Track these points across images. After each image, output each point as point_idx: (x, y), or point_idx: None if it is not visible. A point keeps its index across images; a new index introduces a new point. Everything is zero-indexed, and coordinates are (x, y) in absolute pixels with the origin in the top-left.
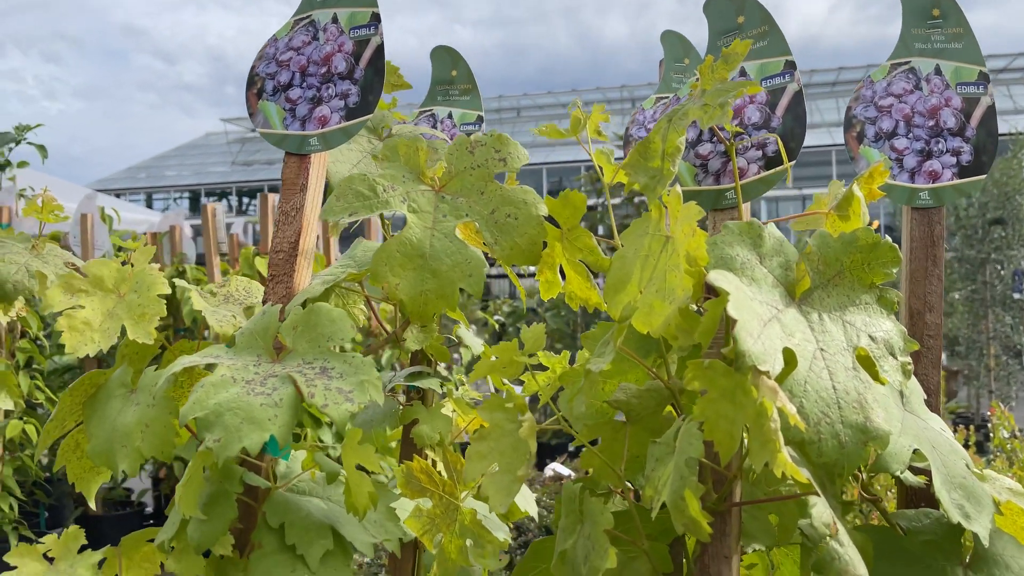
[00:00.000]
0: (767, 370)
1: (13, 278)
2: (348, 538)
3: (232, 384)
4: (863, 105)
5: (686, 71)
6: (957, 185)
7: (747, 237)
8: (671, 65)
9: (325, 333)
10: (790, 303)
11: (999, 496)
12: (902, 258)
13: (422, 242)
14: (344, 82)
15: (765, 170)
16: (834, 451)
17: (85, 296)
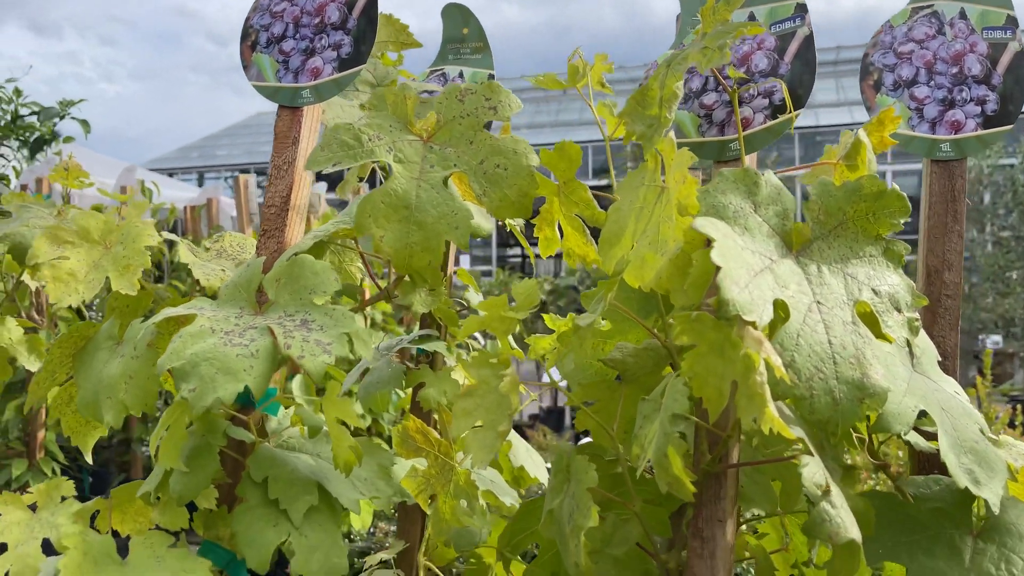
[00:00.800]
0: (753, 320)
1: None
2: (335, 495)
3: (210, 335)
4: (881, 52)
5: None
6: (981, 136)
7: (742, 185)
8: (687, 20)
9: (307, 285)
10: (787, 254)
11: (1015, 463)
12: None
13: (408, 193)
14: (337, 32)
15: (772, 119)
16: (827, 408)
17: (71, 247)
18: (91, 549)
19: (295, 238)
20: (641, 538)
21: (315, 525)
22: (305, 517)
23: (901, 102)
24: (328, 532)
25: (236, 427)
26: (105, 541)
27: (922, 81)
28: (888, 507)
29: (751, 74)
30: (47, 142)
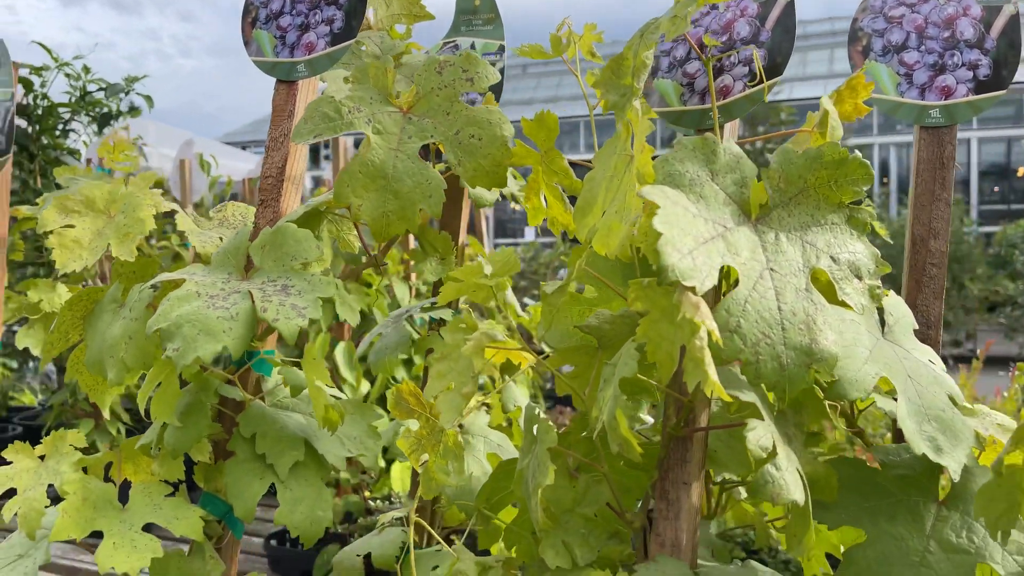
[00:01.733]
0: (693, 286)
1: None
2: (321, 451)
3: (196, 298)
4: (871, 16)
5: None
6: (973, 101)
7: (700, 153)
8: None
9: (290, 252)
10: (744, 221)
11: (986, 432)
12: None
13: (385, 163)
14: (330, 8)
15: (750, 87)
16: (774, 372)
17: (77, 216)
18: (91, 495)
19: (290, 207)
20: (610, 499)
21: (300, 479)
22: (291, 471)
23: (890, 68)
24: (313, 486)
25: (227, 386)
26: (106, 488)
27: (912, 46)
28: (856, 473)
29: (733, 41)
30: (114, 117)
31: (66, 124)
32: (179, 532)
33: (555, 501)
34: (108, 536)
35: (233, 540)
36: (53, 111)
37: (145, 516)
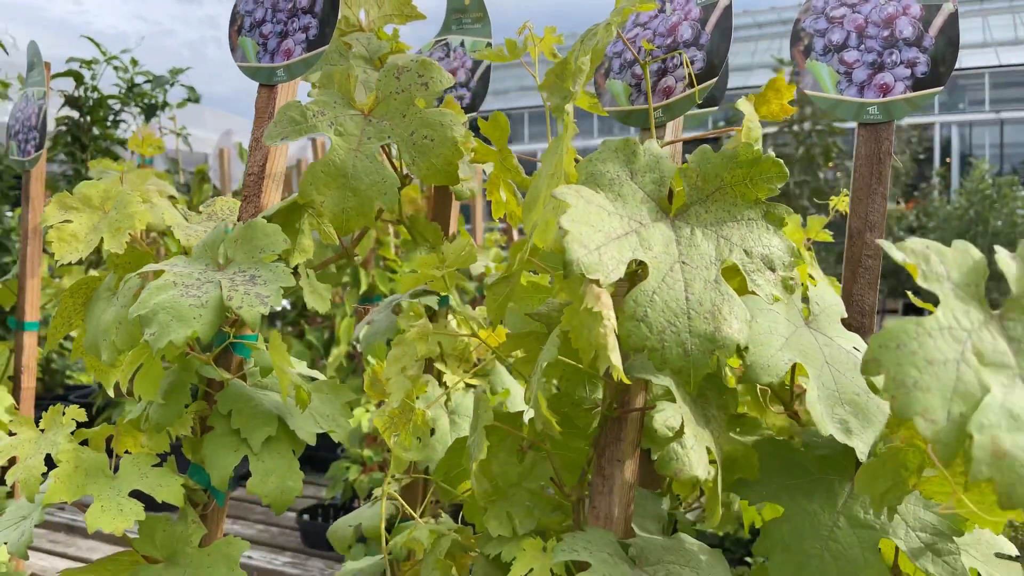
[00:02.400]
0: (597, 279)
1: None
2: (293, 427)
3: (172, 287)
4: (813, 16)
5: None
6: (910, 98)
7: (621, 154)
8: None
9: (259, 246)
10: (661, 217)
11: None
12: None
13: (345, 163)
14: (306, 16)
15: (689, 87)
16: (678, 359)
17: (75, 212)
18: (82, 463)
19: (271, 202)
20: (553, 474)
21: (273, 453)
22: (264, 445)
23: (831, 67)
24: (285, 459)
25: (206, 366)
26: (98, 457)
27: (852, 45)
28: (779, 453)
29: (676, 44)
30: (161, 107)
31: (116, 115)
32: (161, 498)
33: (503, 475)
34: (97, 500)
35: (217, 507)
36: (103, 103)
37: (132, 483)
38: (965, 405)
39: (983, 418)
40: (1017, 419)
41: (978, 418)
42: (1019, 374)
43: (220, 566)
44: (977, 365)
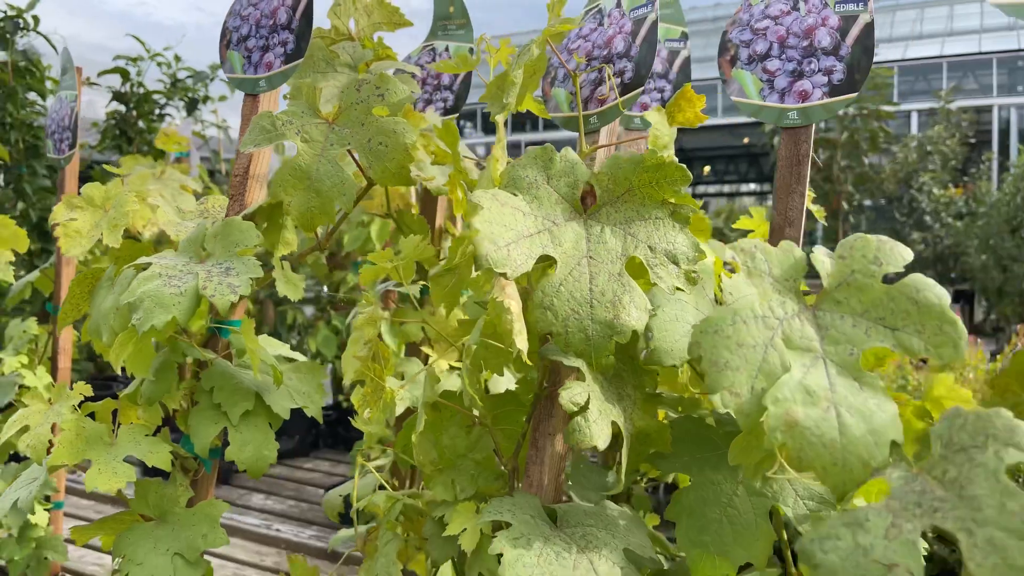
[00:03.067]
0: (504, 272)
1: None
2: (269, 403)
3: (157, 278)
4: (739, 29)
5: None
6: (826, 104)
7: (539, 160)
8: None
9: (235, 240)
10: (574, 217)
11: None
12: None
13: (310, 167)
14: (284, 31)
15: (622, 95)
16: (580, 343)
17: (80, 211)
18: (84, 432)
19: (255, 200)
20: (495, 447)
21: (250, 425)
22: (242, 418)
23: (754, 75)
24: (261, 430)
25: (193, 347)
26: (98, 427)
27: (774, 55)
28: (693, 429)
29: (611, 55)
30: (202, 101)
31: (161, 109)
32: (151, 463)
33: (451, 447)
34: (95, 463)
35: (206, 474)
36: (148, 98)
37: (127, 450)
38: (767, 382)
39: (779, 393)
40: (812, 394)
41: (774, 392)
42: (823, 356)
43: (203, 524)
44: (784, 348)
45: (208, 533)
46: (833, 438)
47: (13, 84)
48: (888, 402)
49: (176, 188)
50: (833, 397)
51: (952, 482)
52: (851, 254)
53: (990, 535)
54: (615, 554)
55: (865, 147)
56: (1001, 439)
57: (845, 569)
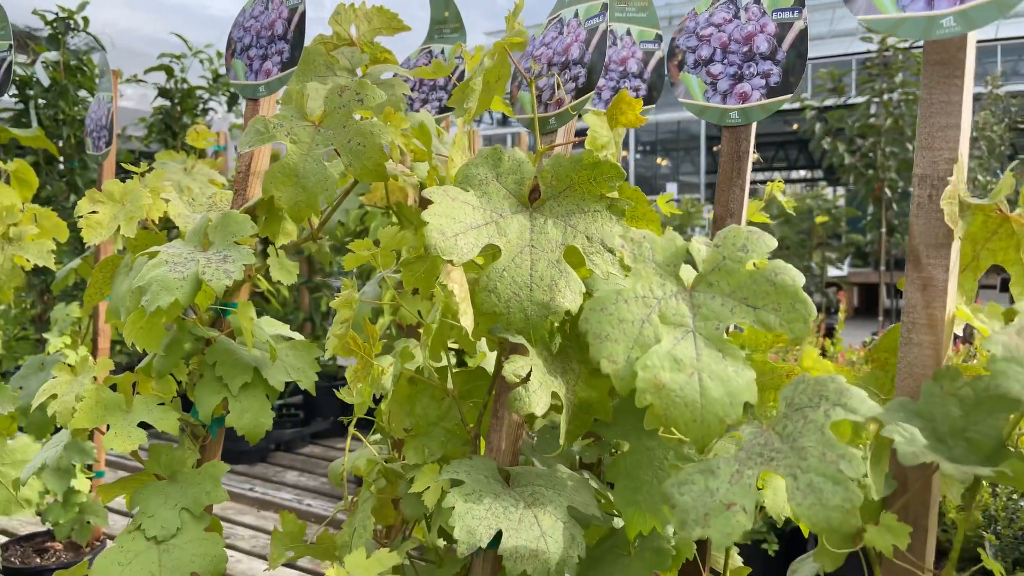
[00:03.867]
0: (450, 260)
1: None
2: (266, 376)
3: (163, 265)
4: (685, 36)
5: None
6: (764, 104)
7: (490, 159)
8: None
9: (232, 231)
10: (521, 210)
11: None
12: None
13: (297, 165)
14: (281, 42)
15: (575, 98)
16: (520, 321)
17: (101, 205)
18: (103, 400)
19: (256, 195)
20: (462, 417)
21: (249, 396)
22: (241, 389)
23: (699, 78)
24: (258, 400)
25: (198, 326)
26: (116, 396)
27: (717, 60)
28: (632, 401)
29: (568, 61)
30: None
31: (204, 104)
32: (160, 428)
33: (424, 416)
34: (112, 427)
35: (213, 440)
36: (191, 93)
37: (141, 416)
38: (641, 352)
39: (648, 361)
40: (679, 362)
41: (644, 360)
42: (694, 331)
43: (207, 483)
44: (659, 324)
45: (211, 490)
46: (694, 399)
47: (65, 82)
48: (746, 370)
49: (204, 181)
50: (698, 365)
51: (788, 436)
52: (724, 243)
53: (811, 480)
54: (559, 510)
55: (910, 133)
56: (831, 400)
57: (695, 508)
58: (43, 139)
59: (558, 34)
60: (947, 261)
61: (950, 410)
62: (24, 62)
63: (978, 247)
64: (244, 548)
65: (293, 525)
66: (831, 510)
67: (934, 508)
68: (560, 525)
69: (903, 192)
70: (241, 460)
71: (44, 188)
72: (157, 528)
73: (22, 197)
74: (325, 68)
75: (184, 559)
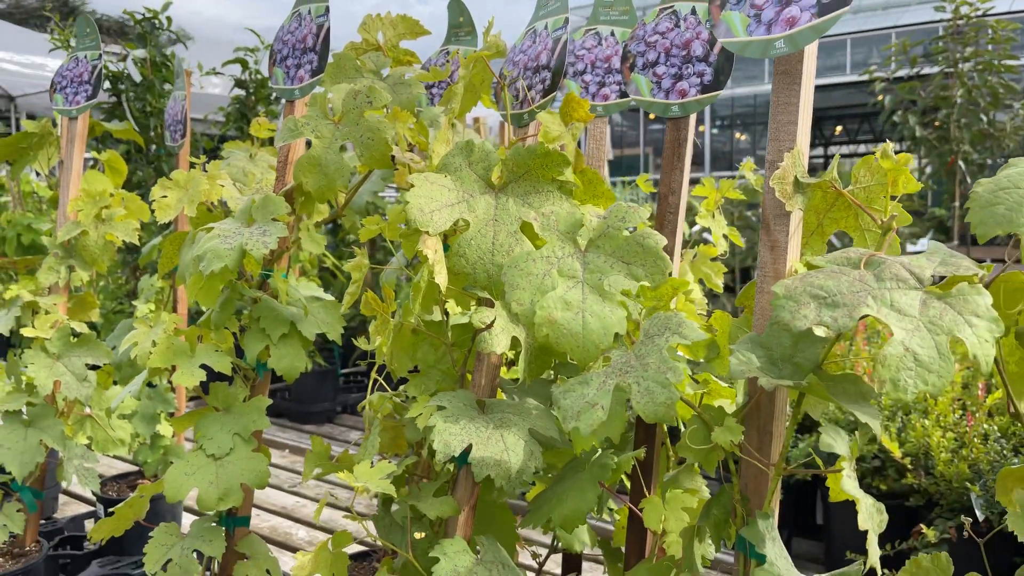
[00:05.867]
0: (427, 231)
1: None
2: (300, 328)
3: (216, 238)
4: (636, 42)
5: (612, 7)
6: (699, 99)
7: (464, 150)
8: (600, 1)
9: (270, 210)
10: (487, 191)
11: None
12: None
13: (320, 156)
14: (311, 53)
15: (542, 98)
16: (484, 279)
17: (170, 190)
18: (172, 346)
19: (291, 181)
20: (454, 360)
21: (286, 344)
22: (280, 339)
23: (647, 78)
24: (294, 348)
25: (246, 288)
26: (183, 343)
27: (661, 62)
28: None
29: (539, 66)
30: None
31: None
32: (216, 368)
33: (424, 360)
34: (179, 368)
35: (259, 381)
36: (264, 83)
37: (201, 359)
38: (541, 297)
39: (544, 303)
40: (568, 304)
41: (542, 303)
42: (583, 281)
43: (254, 413)
44: (556, 276)
45: (257, 419)
46: (578, 331)
47: (152, 78)
48: (619, 310)
49: (265, 167)
50: (583, 306)
51: (640, 356)
52: (610, 216)
53: (648, 385)
54: (522, 431)
55: (983, 104)
56: (672, 329)
57: (572, 407)
58: (131, 131)
59: (532, 43)
60: (788, 228)
61: (783, 341)
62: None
63: (821, 216)
64: (310, 495)
65: (321, 447)
66: (658, 405)
67: (779, 418)
68: (521, 443)
69: (979, 165)
70: (311, 420)
71: (135, 173)
72: (215, 448)
73: (114, 183)
74: (354, 71)
75: (235, 472)
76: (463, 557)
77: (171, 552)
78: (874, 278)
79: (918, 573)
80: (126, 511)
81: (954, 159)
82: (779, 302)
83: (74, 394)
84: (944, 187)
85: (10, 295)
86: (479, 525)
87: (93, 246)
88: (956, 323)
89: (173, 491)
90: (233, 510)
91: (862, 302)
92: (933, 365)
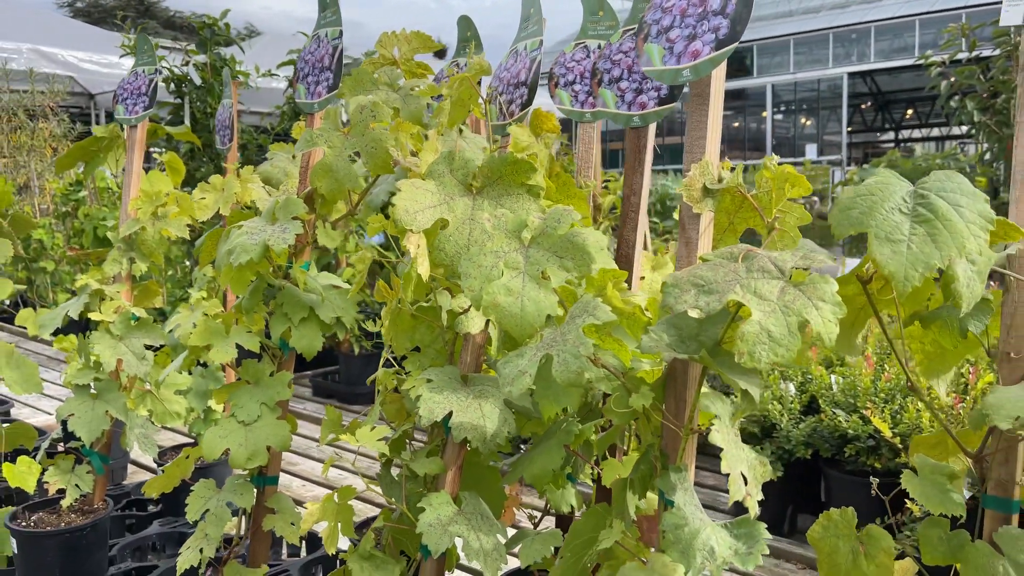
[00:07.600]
0: (412, 228)
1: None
2: (318, 313)
3: (245, 235)
4: (603, 60)
5: (599, 22)
6: (656, 111)
7: (447, 159)
8: (588, 17)
9: (291, 211)
10: (466, 194)
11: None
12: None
13: (332, 163)
14: (327, 71)
15: (521, 111)
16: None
17: (207, 192)
18: (209, 328)
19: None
20: (446, 340)
21: (306, 326)
22: (300, 322)
23: (612, 91)
24: (312, 330)
25: (272, 278)
26: (218, 325)
27: (624, 78)
28: None
29: (519, 82)
30: None
31: None
32: (247, 347)
33: (421, 340)
34: (215, 346)
35: (284, 358)
36: None
37: (234, 339)
38: (488, 284)
39: (490, 289)
40: (510, 290)
41: (487, 289)
42: (524, 272)
43: (279, 386)
44: (502, 267)
45: (281, 391)
46: (518, 312)
47: (211, 81)
48: (553, 296)
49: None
50: (522, 292)
51: (563, 333)
52: (548, 217)
53: (564, 357)
54: (497, 401)
55: None
56: (589, 312)
57: (509, 374)
58: (189, 134)
59: (514, 61)
60: (699, 227)
61: (690, 323)
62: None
63: (732, 216)
64: (349, 469)
65: (335, 415)
66: (571, 373)
67: (692, 386)
68: (497, 411)
69: None
70: (357, 402)
71: (199, 170)
72: (245, 415)
73: (173, 182)
74: (371, 84)
75: (262, 436)
76: (446, 508)
77: (208, 503)
78: (745, 269)
79: (829, 524)
80: (174, 470)
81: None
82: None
83: (134, 371)
84: (1008, 172)
85: (80, 284)
86: (471, 486)
87: (150, 240)
88: (805, 306)
89: (209, 450)
90: (263, 470)
91: (731, 289)
92: (783, 340)
